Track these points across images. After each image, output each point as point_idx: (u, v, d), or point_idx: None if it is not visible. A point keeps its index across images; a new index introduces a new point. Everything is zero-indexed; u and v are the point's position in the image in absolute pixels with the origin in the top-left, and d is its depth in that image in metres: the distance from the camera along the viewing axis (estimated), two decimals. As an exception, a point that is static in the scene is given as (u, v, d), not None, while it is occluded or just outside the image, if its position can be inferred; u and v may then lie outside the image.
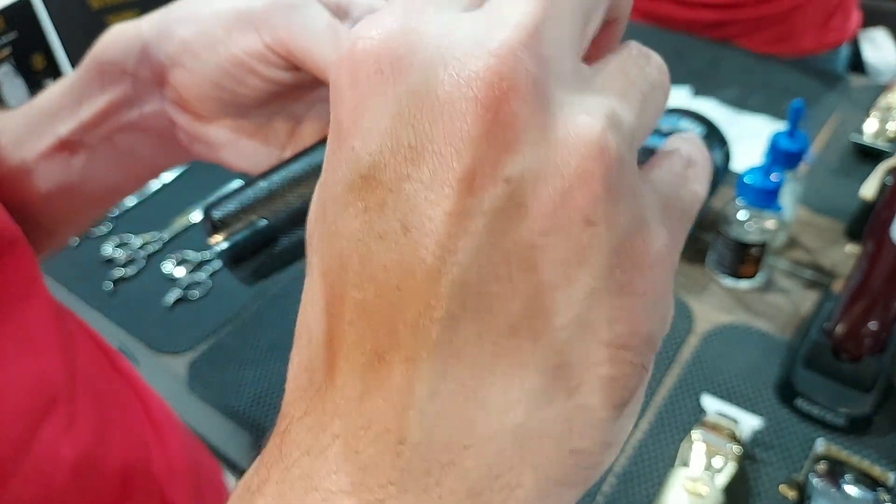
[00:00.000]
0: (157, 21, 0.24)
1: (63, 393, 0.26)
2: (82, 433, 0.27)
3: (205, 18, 0.22)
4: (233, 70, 0.22)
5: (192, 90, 0.24)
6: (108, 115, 0.26)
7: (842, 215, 0.68)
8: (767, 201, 0.56)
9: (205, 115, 0.25)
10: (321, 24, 0.21)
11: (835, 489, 0.44)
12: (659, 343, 0.13)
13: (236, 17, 0.22)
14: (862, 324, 0.49)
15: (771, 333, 0.58)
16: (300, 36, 0.21)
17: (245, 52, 0.22)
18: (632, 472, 0.49)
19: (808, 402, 0.51)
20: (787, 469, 0.49)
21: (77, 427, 0.27)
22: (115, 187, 0.29)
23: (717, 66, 0.91)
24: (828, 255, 0.65)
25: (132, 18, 0.90)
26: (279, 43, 0.22)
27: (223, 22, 0.22)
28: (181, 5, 0.24)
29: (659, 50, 0.17)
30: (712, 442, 0.47)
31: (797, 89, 0.86)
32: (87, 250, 0.73)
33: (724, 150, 0.66)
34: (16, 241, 0.26)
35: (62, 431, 0.26)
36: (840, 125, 0.80)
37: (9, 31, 0.71)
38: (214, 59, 0.22)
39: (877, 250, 0.46)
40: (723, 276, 0.62)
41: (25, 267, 0.27)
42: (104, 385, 0.31)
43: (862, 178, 0.61)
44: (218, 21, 0.22)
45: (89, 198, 0.28)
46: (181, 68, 0.23)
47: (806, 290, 0.62)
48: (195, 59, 0.23)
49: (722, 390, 0.54)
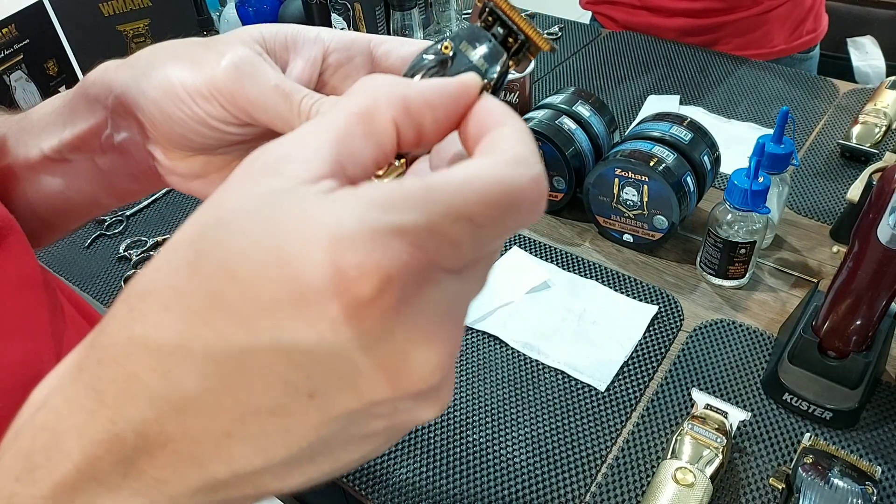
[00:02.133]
0: (131, 75, 0.25)
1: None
2: None
3: (171, 84, 0.24)
4: (198, 127, 0.25)
5: (163, 135, 0.25)
6: (88, 138, 0.27)
7: (828, 217, 0.70)
8: (755, 203, 0.58)
9: (179, 153, 0.26)
10: (269, 86, 0.23)
11: (823, 481, 0.45)
12: None
13: (196, 87, 0.24)
14: (848, 321, 0.51)
15: (759, 330, 0.60)
16: (254, 102, 0.23)
17: (209, 115, 0.24)
18: (623, 463, 0.51)
19: (796, 398, 0.52)
20: (775, 461, 0.50)
21: None
22: (96, 201, 0.30)
23: (705, 73, 0.93)
24: (814, 256, 0.66)
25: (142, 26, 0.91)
26: (237, 109, 0.24)
27: (189, 89, 0.24)
28: (151, 61, 0.25)
29: (649, 59, 0.19)
30: (702, 434, 0.49)
31: (785, 96, 0.88)
32: (99, 249, 0.74)
33: (714, 154, 0.68)
34: (9, 230, 0.28)
35: None
36: (827, 129, 0.82)
37: (22, 38, 0.73)
38: (180, 118, 0.24)
39: (862, 250, 0.47)
40: (712, 276, 0.64)
41: (18, 254, 0.28)
42: None
43: (848, 181, 0.63)
44: (184, 88, 0.24)
45: (73, 207, 0.30)
46: (151, 118, 0.25)
47: (793, 289, 0.63)
48: (163, 115, 0.25)
49: (711, 385, 0.56)
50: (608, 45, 1.02)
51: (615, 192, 0.66)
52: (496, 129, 0.17)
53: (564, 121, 0.70)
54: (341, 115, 0.16)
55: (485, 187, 0.15)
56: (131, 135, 0.27)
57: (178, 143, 0.25)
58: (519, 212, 0.15)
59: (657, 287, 0.64)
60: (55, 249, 0.74)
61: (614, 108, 0.81)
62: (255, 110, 0.24)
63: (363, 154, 0.16)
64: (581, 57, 1.01)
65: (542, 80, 0.96)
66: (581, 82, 0.94)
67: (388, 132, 0.17)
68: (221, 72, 0.23)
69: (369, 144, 0.16)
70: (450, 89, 0.18)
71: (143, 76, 0.25)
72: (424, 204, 0.14)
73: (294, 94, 0.23)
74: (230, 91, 0.23)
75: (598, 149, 0.71)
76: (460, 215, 0.14)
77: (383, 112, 0.17)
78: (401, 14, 0.81)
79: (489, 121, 0.17)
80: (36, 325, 0.28)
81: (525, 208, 0.15)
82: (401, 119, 0.17)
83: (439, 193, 0.14)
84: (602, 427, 0.53)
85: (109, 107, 0.26)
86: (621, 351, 0.58)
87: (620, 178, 0.64)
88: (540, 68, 0.96)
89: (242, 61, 0.24)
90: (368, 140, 0.16)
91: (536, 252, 0.69)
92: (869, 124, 0.77)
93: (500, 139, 0.16)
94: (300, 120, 0.23)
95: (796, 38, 0.98)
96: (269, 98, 0.23)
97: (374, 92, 0.17)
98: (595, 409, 0.54)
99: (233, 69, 0.23)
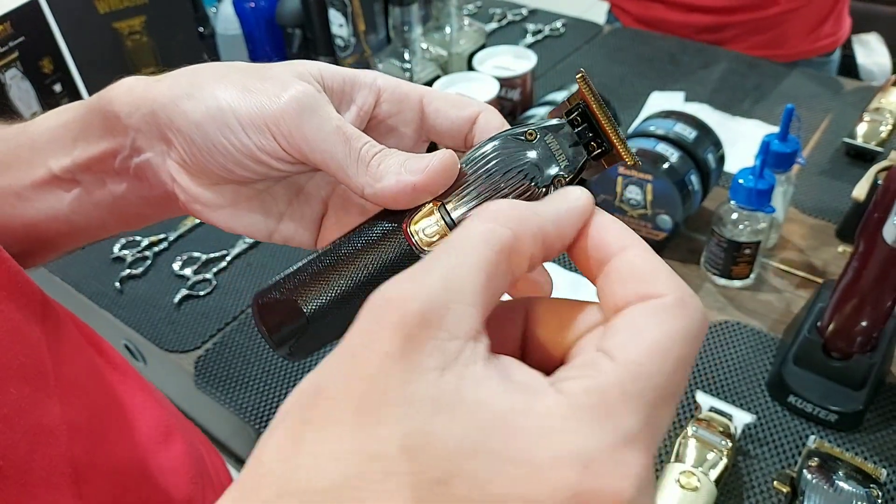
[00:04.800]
0: (170, 94, 0.24)
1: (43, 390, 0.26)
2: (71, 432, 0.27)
3: (221, 110, 0.23)
4: (243, 159, 0.23)
5: (198, 162, 0.24)
6: (103, 160, 0.26)
7: (833, 216, 0.69)
8: (760, 202, 0.57)
9: (205, 181, 0.25)
10: (330, 127, 0.22)
11: (827, 484, 0.44)
12: None
13: (250, 115, 0.23)
14: (853, 322, 0.50)
15: (763, 331, 0.59)
16: (312, 141, 0.22)
17: (258, 148, 0.23)
18: (628, 467, 0.50)
19: (801, 400, 0.52)
20: (780, 464, 0.50)
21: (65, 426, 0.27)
22: (103, 226, 0.29)
23: (710, 70, 0.93)
24: (819, 255, 0.66)
25: (138, 24, 0.91)
26: (291, 146, 0.23)
27: (240, 118, 0.23)
28: (194, 82, 0.24)
29: (654, 55, 0.18)
30: (706, 437, 0.48)
31: (791, 93, 0.87)
32: (95, 250, 0.74)
33: (718, 153, 0.68)
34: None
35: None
36: (832, 127, 0.81)
37: (17, 36, 0.72)
38: (225, 147, 0.23)
39: (868, 250, 0.47)
40: (716, 276, 0.63)
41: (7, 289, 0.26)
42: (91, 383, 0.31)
43: (853, 179, 0.62)
44: (235, 116, 0.23)
45: (76, 231, 0.29)
46: (189, 141, 0.23)
47: (797, 290, 0.63)
48: (205, 141, 0.23)
49: (715, 387, 0.55)
50: (612, 42, 1.02)
51: (618, 191, 0.65)
52: (625, 253, 0.17)
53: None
54: (484, 249, 0.16)
55: (677, 352, 0.15)
56: (154, 157, 0.25)
57: (214, 171, 0.24)
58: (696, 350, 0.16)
59: (660, 287, 0.63)
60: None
61: (617, 104, 0.80)
62: (312, 150, 0.23)
63: (501, 290, 0.16)
64: (584, 53, 1.00)
65: (545, 76, 0.95)
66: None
67: (523, 268, 0.17)
68: (282, 105, 0.22)
69: (507, 281, 0.16)
70: (575, 215, 0.18)
71: (186, 97, 0.23)
72: (639, 400, 0.14)
73: (354, 139, 0.23)
74: (289, 126, 0.22)
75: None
76: (667, 392, 0.15)
77: (524, 250, 0.17)
78: (399, 10, 0.81)
79: (609, 241, 0.17)
80: (32, 367, 0.27)
81: (698, 348, 0.16)
82: (537, 252, 0.17)
83: (641, 382, 0.14)
84: (605, 430, 0.53)
85: (135, 126, 0.24)
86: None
87: (624, 176, 0.64)
88: (542, 65, 0.96)
89: (306, 96, 0.23)
90: (507, 277, 0.16)
91: (538, 251, 0.68)
92: (874, 122, 0.76)
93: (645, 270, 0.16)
94: (356, 167, 0.22)
95: (815, 41, 0.95)
96: (329, 139, 0.22)
97: (510, 223, 0.16)
98: (598, 411, 0.54)
99: (295, 104, 0.22)
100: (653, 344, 0.15)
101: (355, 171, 0.22)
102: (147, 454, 0.32)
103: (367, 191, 0.22)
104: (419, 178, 0.21)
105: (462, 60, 0.87)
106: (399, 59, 0.84)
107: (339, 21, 0.88)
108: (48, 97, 0.76)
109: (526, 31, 1.06)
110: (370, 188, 0.22)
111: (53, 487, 0.26)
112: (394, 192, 0.21)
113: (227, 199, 0.25)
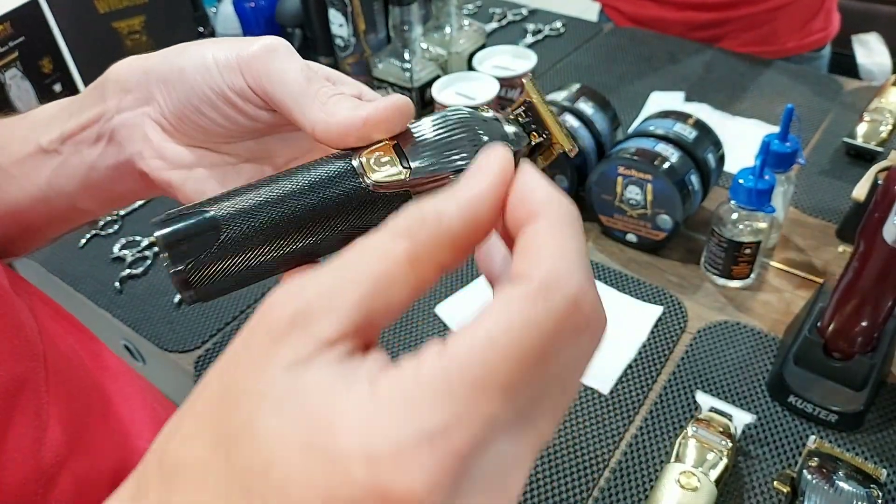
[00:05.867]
0: (163, 54, 0.26)
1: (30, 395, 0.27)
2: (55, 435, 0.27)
3: (203, 56, 0.25)
4: (216, 99, 0.25)
5: (174, 107, 0.26)
6: (87, 127, 0.27)
7: (833, 216, 0.69)
8: (760, 202, 0.57)
9: (178, 136, 0.27)
10: (294, 67, 0.24)
11: (827, 485, 0.44)
12: None
13: (227, 59, 0.25)
14: (853, 322, 0.50)
15: (763, 332, 0.59)
16: (275, 78, 0.24)
17: (229, 88, 0.25)
18: (626, 467, 0.50)
19: (801, 400, 0.52)
20: (780, 464, 0.49)
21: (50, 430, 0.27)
22: (73, 204, 0.30)
23: (710, 70, 0.93)
24: (819, 256, 0.66)
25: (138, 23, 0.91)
26: (257, 85, 0.25)
27: (218, 60, 0.25)
28: (187, 45, 0.26)
29: (653, 54, 0.18)
30: (706, 437, 0.48)
31: (791, 93, 0.87)
32: (94, 250, 0.74)
33: (718, 153, 0.68)
34: None
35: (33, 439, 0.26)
36: (832, 127, 0.81)
37: (17, 36, 0.72)
38: (200, 88, 0.25)
39: (868, 250, 0.47)
40: (716, 276, 0.63)
41: None
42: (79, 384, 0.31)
43: (853, 179, 0.62)
44: (214, 59, 0.25)
45: (52, 211, 0.30)
46: (170, 87, 0.26)
47: (797, 290, 0.63)
48: (184, 83, 0.25)
49: (715, 387, 0.55)
50: (611, 42, 1.01)
51: (618, 191, 0.65)
52: (530, 225, 0.16)
53: (567, 118, 0.69)
54: (375, 264, 0.15)
55: (511, 345, 0.14)
56: (132, 116, 0.26)
57: (188, 117, 0.26)
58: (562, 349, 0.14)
59: (660, 287, 0.63)
60: (48, 249, 0.74)
61: (617, 104, 0.80)
62: (274, 87, 0.24)
63: (399, 300, 0.16)
64: (584, 53, 1.00)
65: (544, 76, 0.95)
66: (584, 78, 0.94)
67: (430, 279, 0.16)
68: (254, 49, 0.25)
69: (409, 288, 0.16)
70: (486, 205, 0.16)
71: (177, 54, 0.26)
72: (447, 396, 0.13)
73: (315, 81, 0.24)
74: (257, 66, 0.24)
75: (600, 146, 0.70)
76: (490, 389, 0.13)
77: (428, 258, 0.16)
78: (399, 9, 0.80)
79: (524, 211, 0.16)
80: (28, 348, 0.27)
81: (570, 341, 0.14)
82: (447, 256, 0.16)
83: (461, 373, 0.13)
84: (605, 430, 0.53)
85: (125, 85, 0.26)
86: (625, 353, 0.58)
87: (624, 176, 0.64)
88: (542, 64, 0.95)
89: (276, 42, 0.25)
90: (406, 287, 0.16)
91: (538, 251, 0.68)
92: (874, 122, 0.76)
93: (533, 249, 0.15)
94: (312, 103, 0.23)
95: (805, 37, 0.97)
96: (290, 78, 0.24)
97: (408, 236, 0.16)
98: (597, 412, 0.54)
99: (265, 48, 0.25)
100: (484, 336, 0.14)
101: (310, 108, 0.23)
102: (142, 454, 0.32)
103: (319, 127, 0.23)
104: (370, 111, 0.22)
105: (462, 60, 0.87)
106: (399, 58, 0.84)
107: (339, 21, 0.88)
108: (48, 97, 0.76)
109: (526, 31, 1.06)
110: (322, 123, 0.23)
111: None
112: (345, 126, 0.22)
113: (189, 161, 0.27)
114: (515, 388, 0.14)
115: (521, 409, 0.14)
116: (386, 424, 0.13)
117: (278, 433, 0.14)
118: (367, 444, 0.13)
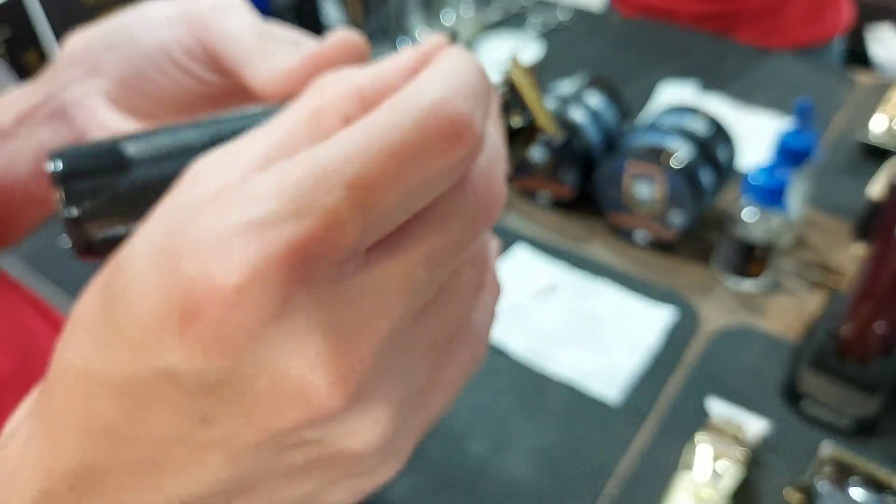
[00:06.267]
0: (117, 15, 0.25)
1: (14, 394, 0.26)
2: None
3: (152, 12, 0.25)
4: (161, 60, 0.24)
5: (120, 73, 0.25)
6: (41, 106, 0.27)
7: (849, 215, 0.68)
8: (774, 200, 0.56)
9: (127, 108, 0.26)
10: (242, 20, 0.23)
11: (841, 493, 0.44)
12: None
13: (177, 14, 0.24)
14: (869, 325, 0.49)
15: (777, 335, 0.57)
16: (222, 31, 0.23)
17: (177, 43, 0.24)
18: (636, 476, 0.49)
19: (814, 405, 0.51)
20: (792, 472, 0.48)
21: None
22: (30, 196, 0.29)
23: (722, 61, 0.91)
24: (834, 256, 0.64)
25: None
26: (204, 39, 0.24)
27: (168, 17, 0.24)
28: (142, 4, 0.25)
29: (664, 46, 0.16)
30: (717, 445, 0.47)
31: (803, 86, 0.85)
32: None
33: (730, 149, 0.66)
34: None
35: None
36: (847, 123, 0.79)
37: (2, 28, 0.70)
38: (146, 46, 0.24)
39: (884, 250, 0.46)
40: (728, 277, 0.62)
41: None
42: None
43: (869, 176, 0.61)
44: (163, 15, 0.24)
45: (9, 199, 0.28)
46: (115, 52, 0.25)
47: (812, 291, 0.61)
48: (130, 42, 0.24)
49: (727, 393, 0.53)
50: (620, 33, 0.99)
51: (626, 187, 0.63)
52: None
53: (573, 110, 0.67)
54: (283, 120, 0.15)
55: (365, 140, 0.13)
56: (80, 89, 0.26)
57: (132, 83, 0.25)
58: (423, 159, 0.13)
59: (671, 289, 0.62)
60: (32, 245, 0.72)
61: (626, 95, 0.78)
62: (221, 40, 0.23)
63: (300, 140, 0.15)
64: (592, 45, 0.98)
65: (551, 66, 0.93)
66: (592, 70, 0.92)
67: (335, 123, 0.15)
68: (204, 2, 0.24)
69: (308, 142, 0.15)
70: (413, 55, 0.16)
71: (128, 13, 0.25)
72: (291, 186, 0.12)
73: (269, 39, 0.23)
74: (205, 21, 0.23)
75: (609, 140, 0.68)
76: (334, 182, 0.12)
77: (331, 112, 0.15)
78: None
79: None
80: None
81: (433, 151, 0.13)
82: (355, 111, 0.15)
83: (310, 163, 0.13)
84: (613, 438, 0.51)
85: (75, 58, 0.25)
86: (634, 357, 0.56)
87: (632, 172, 0.62)
88: (548, 55, 0.93)
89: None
90: (308, 139, 0.15)
91: (542, 251, 0.66)
92: (889, 118, 0.74)
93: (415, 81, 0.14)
94: (260, 56, 0.22)
95: (816, 28, 0.95)
96: (238, 29, 0.23)
97: (322, 91, 0.15)
98: (605, 419, 0.52)
99: (216, 1, 0.24)
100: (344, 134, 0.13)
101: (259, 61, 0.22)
102: None
103: (262, 76, 0.22)
104: (314, 50, 0.21)
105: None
106: (397, 47, 0.82)
107: (335, 8, 0.86)
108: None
109: (531, 21, 1.04)
110: (265, 72, 0.22)
111: None
112: (286, 71, 0.21)
113: None
114: (368, 188, 0.12)
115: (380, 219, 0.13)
116: (223, 216, 0.12)
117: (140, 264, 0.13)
118: (199, 239, 0.12)
